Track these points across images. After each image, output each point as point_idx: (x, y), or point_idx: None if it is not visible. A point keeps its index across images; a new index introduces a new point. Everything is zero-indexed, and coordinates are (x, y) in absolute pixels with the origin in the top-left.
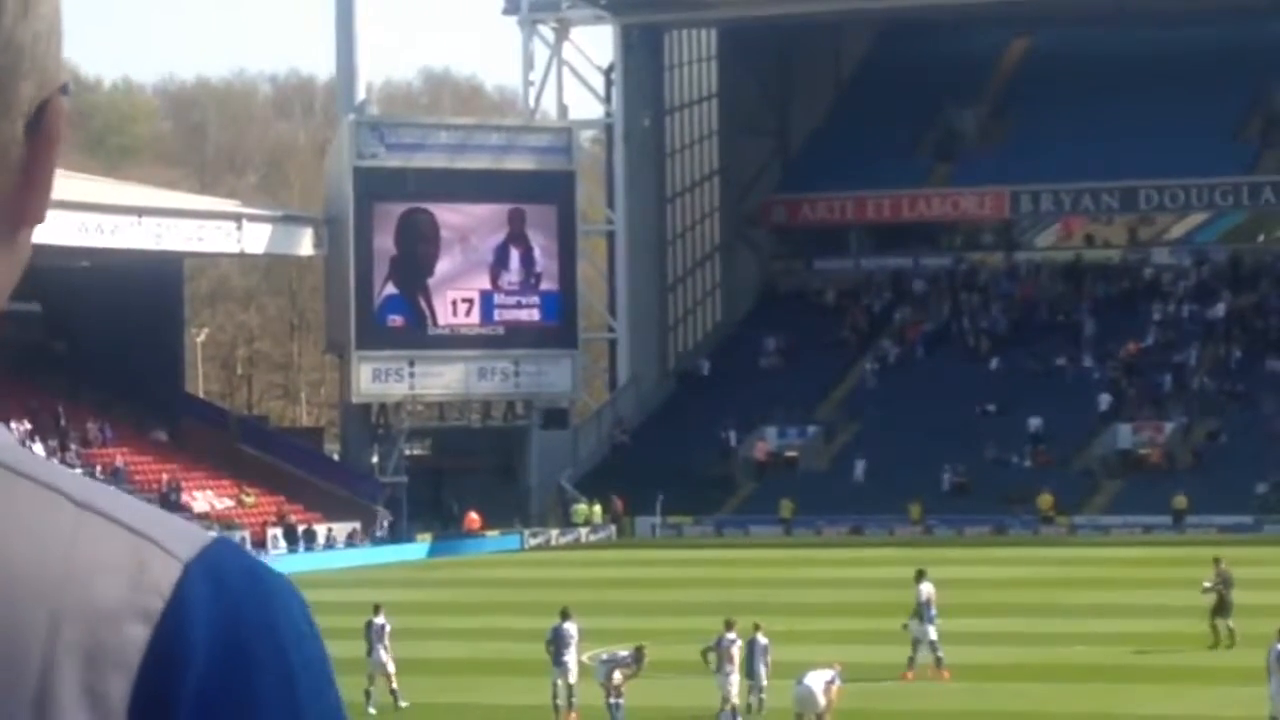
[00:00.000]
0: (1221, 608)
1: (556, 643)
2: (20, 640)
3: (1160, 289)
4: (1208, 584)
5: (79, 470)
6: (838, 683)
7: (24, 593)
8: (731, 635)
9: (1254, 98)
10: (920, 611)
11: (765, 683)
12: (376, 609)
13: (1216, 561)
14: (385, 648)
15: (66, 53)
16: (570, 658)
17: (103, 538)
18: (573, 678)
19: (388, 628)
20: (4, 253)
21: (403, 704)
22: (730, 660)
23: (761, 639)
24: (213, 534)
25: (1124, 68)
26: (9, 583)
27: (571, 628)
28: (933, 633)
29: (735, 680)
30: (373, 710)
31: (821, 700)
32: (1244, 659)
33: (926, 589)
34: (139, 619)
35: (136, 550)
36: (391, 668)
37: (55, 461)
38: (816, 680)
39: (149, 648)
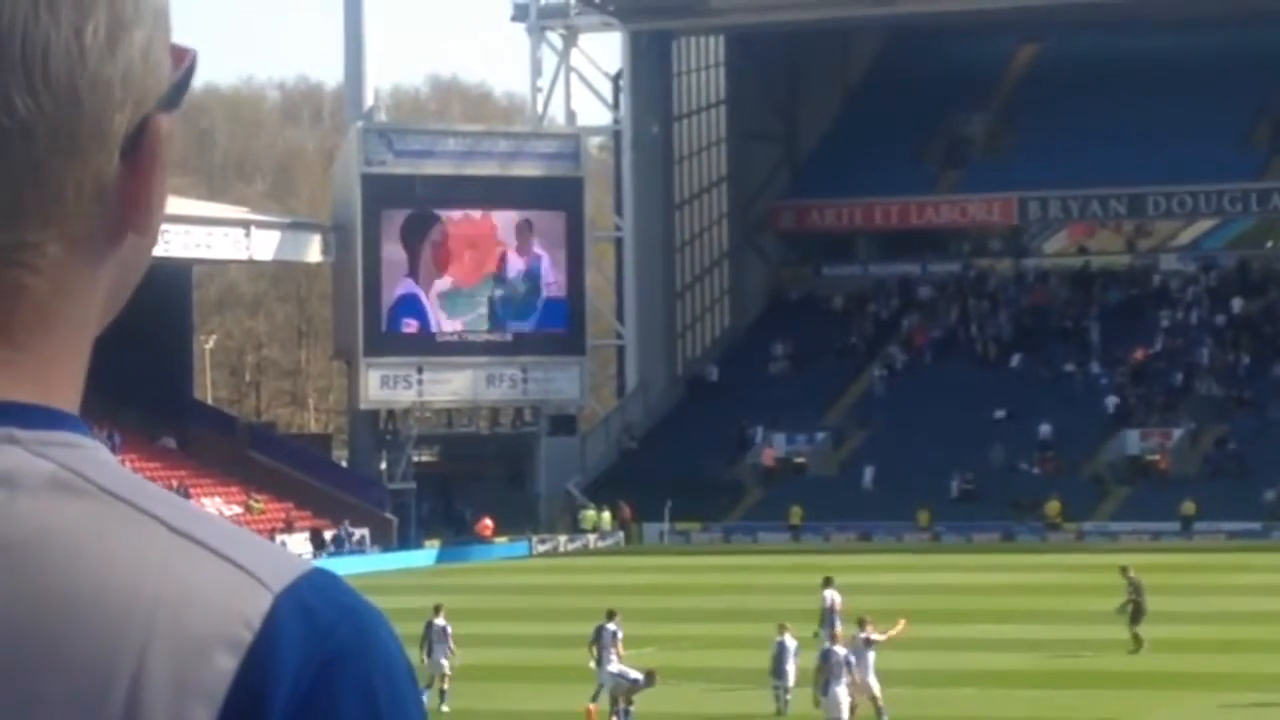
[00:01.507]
0: (1137, 614)
1: (599, 643)
2: (110, 664)
3: (1169, 295)
4: (1121, 603)
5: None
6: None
7: (116, 617)
8: (787, 640)
9: (1262, 104)
10: (826, 618)
11: (791, 683)
12: (437, 610)
13: (1124, 570)
14: (450, 649)
15: None
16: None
17: (195, 566)
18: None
19: (449, 629)
20: (105, 265)
21: (444, 708)
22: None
23: (790, 641)
24: (309, 564)
25: (1132, 74)
26: (101, 607)
27: (612, 627)
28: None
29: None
30: (446, 709)
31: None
32: (1255, 666)
33: (830, 596)
34: (227, 650)
35: (228, 579)
36: (447, 669)
37: (156, 485)
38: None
39: (235, 679)
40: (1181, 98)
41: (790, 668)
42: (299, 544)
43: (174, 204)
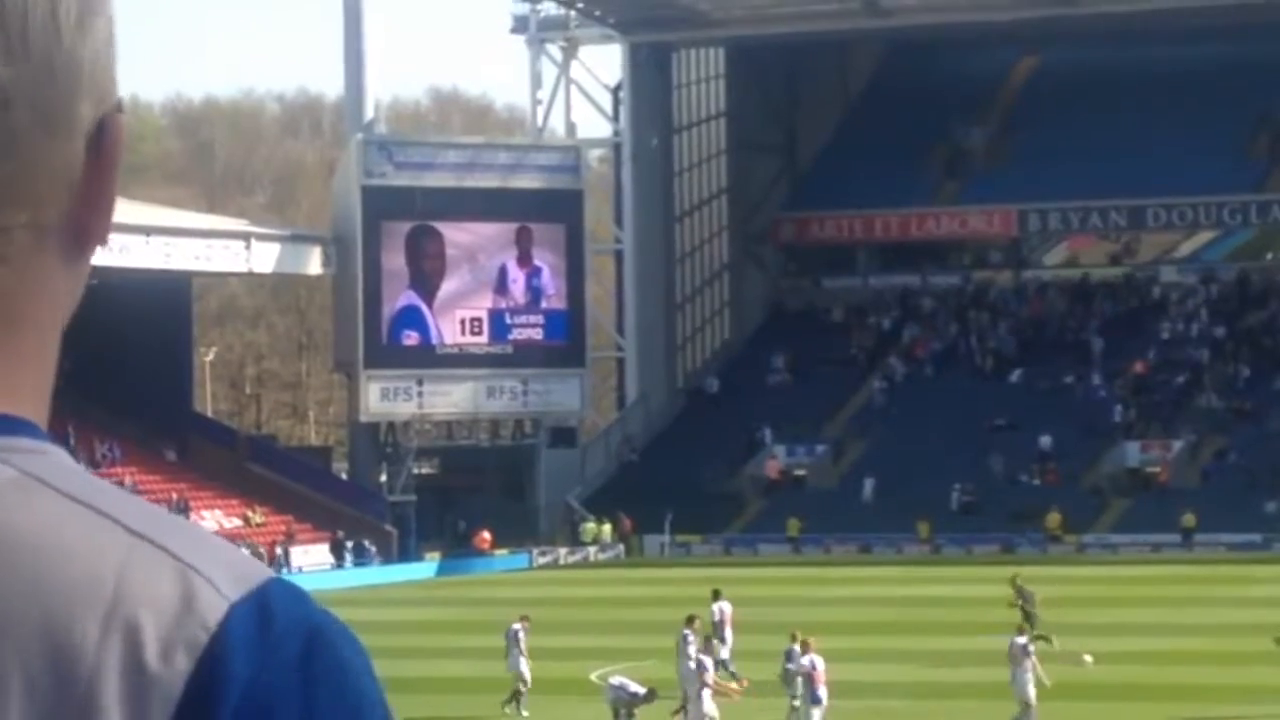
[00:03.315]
0: (1028, 621)
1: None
2: (68, 662)
3: (1168, 307)
4: (1029, 627)
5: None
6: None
7: (75, 616)
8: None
9: (1262, 115)
10: (717, 630)
11: (801, 691)
12: (523, 617)
13: (1013, 580)
14: (518, 655)
15: None
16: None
17: (154, 568)
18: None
19: (523, 634)
20: (68, 273)
21: (509, 710)
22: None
23: (798, 649)
24: (268, 572)
25: (1131, 86)
26: (60, 606)
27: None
28: (725, 651)
29: None
30: (526, 714)
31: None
32: (1257, 678)
33: (719, 608)
34: (184, 650)
35: (185, 581)
36: (526, 675)
37: (121, 489)
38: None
39: (190, 680)
40: (1181, 110)
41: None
42: (320, 554)
43: (174, 216)
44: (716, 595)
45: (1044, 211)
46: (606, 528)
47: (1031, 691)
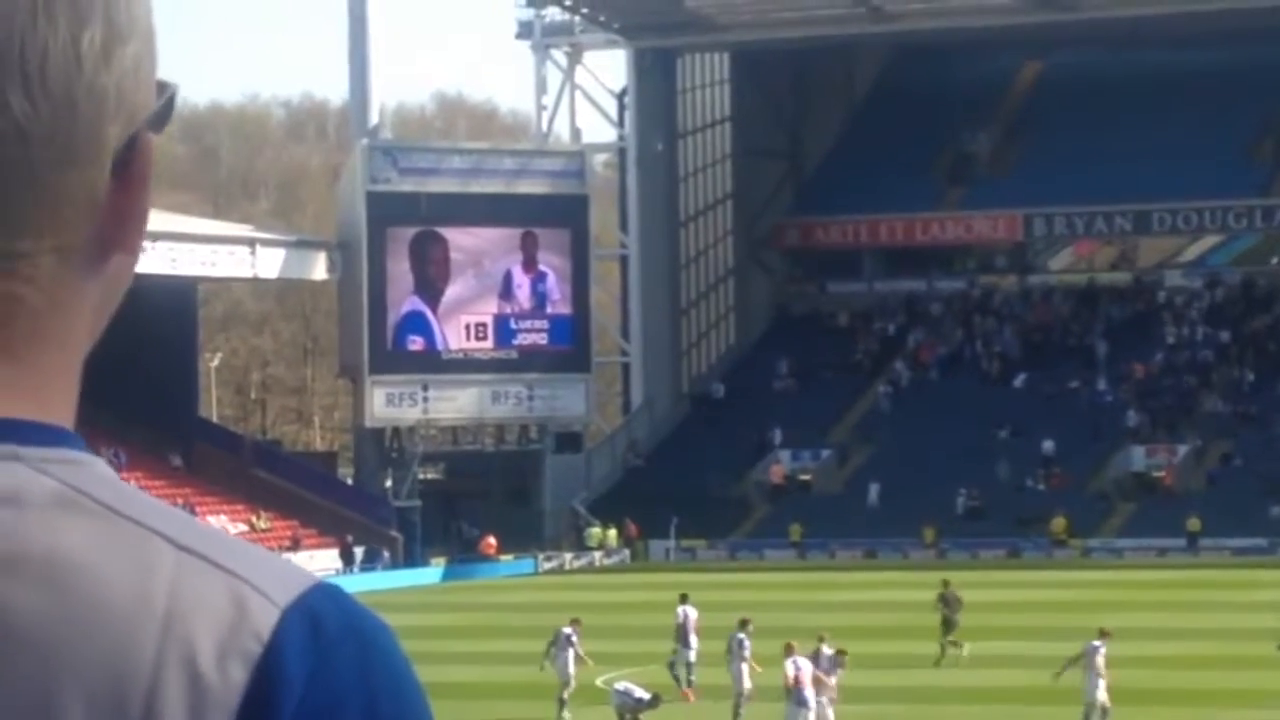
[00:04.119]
0: (946, 626)
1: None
2: (125, 679)
3: (1174, 312)
4: (944, 633)
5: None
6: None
7: (128, 633)
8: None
9: (1267, 120)
10: (680, 635)
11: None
12: (574, 621)
13: (945, 584)
14: (577, 656)
15: None
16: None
17: (203, 581)
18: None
19: (575, 638)
20: (95, 280)
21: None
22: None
23: (826, 650)
24: (313, 577)
25: (1136, 90)
26: (112, 622)
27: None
28: (691, 656)
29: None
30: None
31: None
32: (1261, 682)
33: (683, 612)
34: (239, 662)
35: (236, 592)
36: (572, 681)
37: (159, 501)
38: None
39: (247, 691)
40: (1186, 114)
41: (830, 679)
42: (325, 560)
43: (179, 222)
44: (683, 599)
45: (1049, 216)
46: (612, 533)
47: (1102, 695)
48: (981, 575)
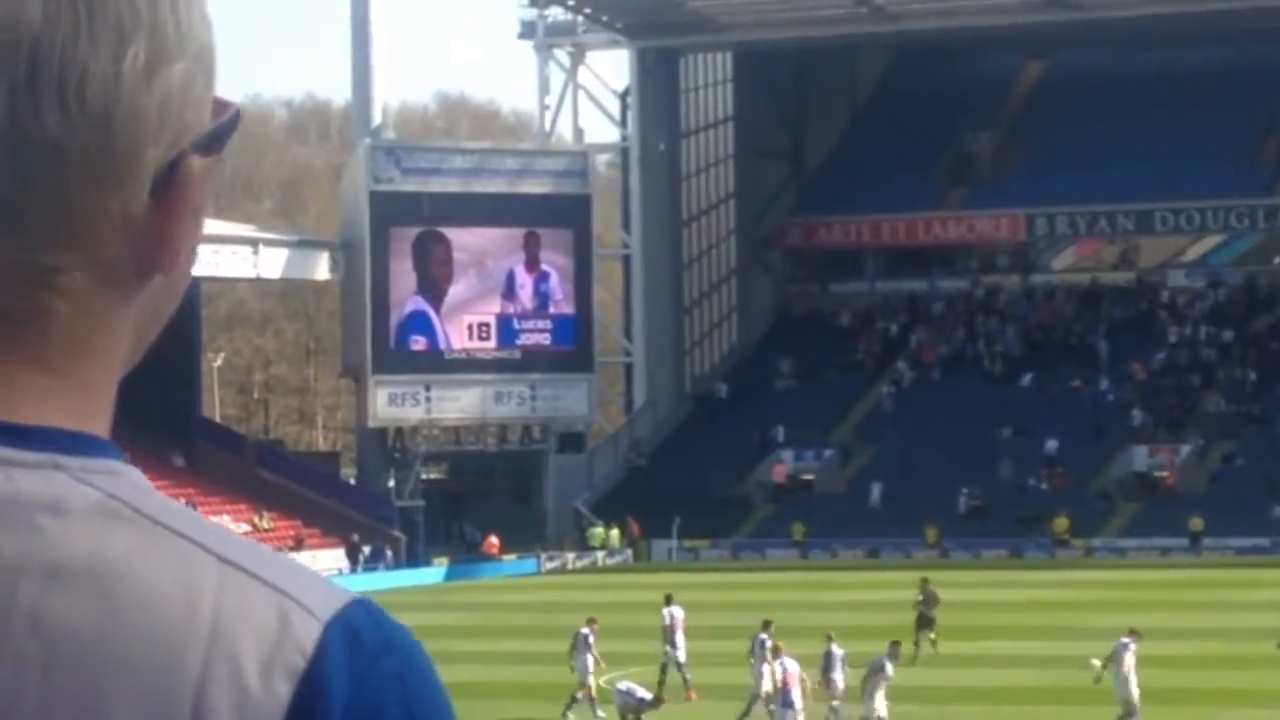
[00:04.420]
0: (923, 623)
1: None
2: (171, 692)
3: (1176, 311)
4: (921, 629)
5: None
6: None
7: (173, 644)
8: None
9: (1270, 120)
10: (666, 636)
11: (842, 688)
12: (590, 620)
13: (924, 581)
14: (587, 659)
15: None
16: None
17: (246, 593)
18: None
19: (592, 638)
20: (133, 299)
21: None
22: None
23: (837, 649)
24: (350, 593)
25: (1139, 90)
26: (157, 634)
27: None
28: (681, 656)
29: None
30: (602, 715)
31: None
32: (1263, 682)
33: (669, 613)
34: (284, 676)
35: (279, 606)
36: (591, 680)
37: (195, 512)
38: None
39: (292, 704)
40: (1188, 114)
41: (838, 676)
42: (328, 560)
43: None
44: (669, 600)
45: (1051, 216)
46: (614, 533)
47: (1135, 691)
48: (984, 575)
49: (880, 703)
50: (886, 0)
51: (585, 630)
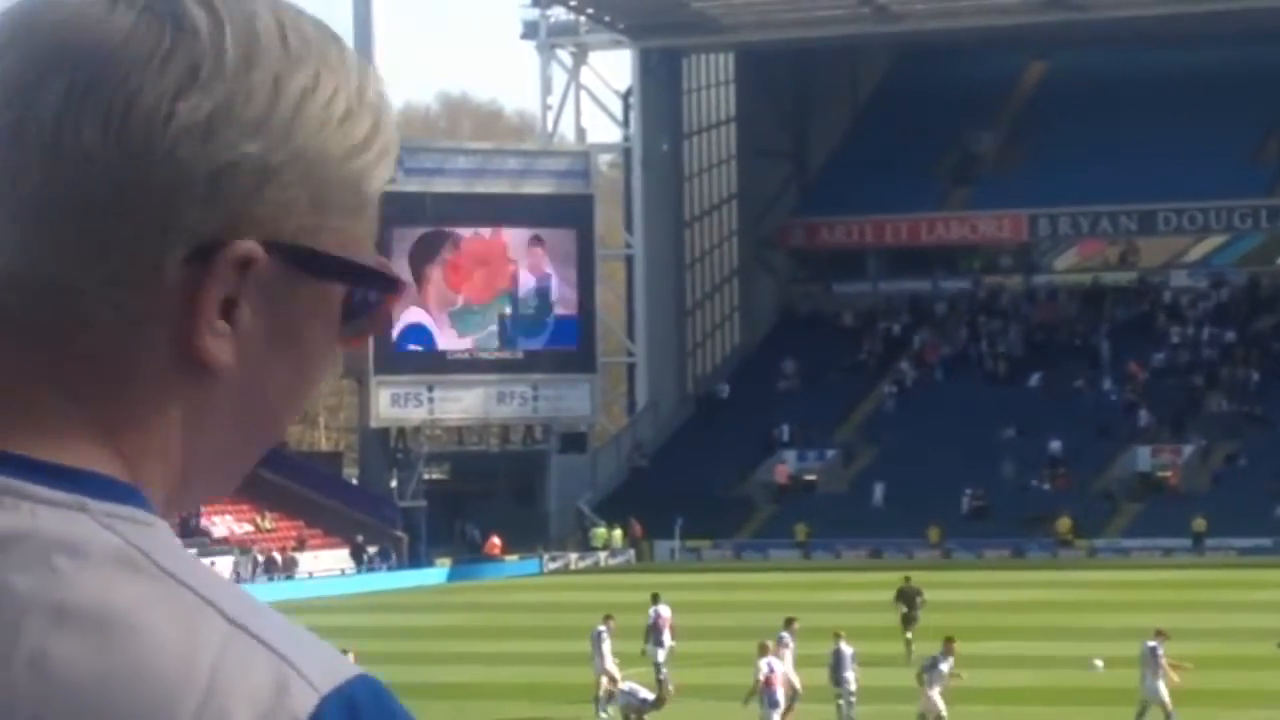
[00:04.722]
0: (907, 621)
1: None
2: None
3: (1178, 312)
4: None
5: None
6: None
7: (168, 699)
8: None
9: (1272, 120)
10: (651, 635)
11: (854, 688)
12: (607, 618)
13: (906, 579)
14: (603, 655)
15: None
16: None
17: (249, 657)
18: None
19: (605, 635)
20: (194, 393)
21: (603, 715)
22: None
23: (846, 648)
24: (357, 669)
25: (1141, 91)
26: (154, 687)
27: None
28: (660, 655)
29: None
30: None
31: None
32: (1266, 683)
33: (655, 612)
34: None
35: (279, 673)
36: (606, 678)
37: (217, 571)
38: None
39: None
40: (1191, 114)
41: (850, 675)
42: (330, 560)
43: None
44: (655, 599)
45: (1054, 216)
46: (617, 533)
47: (1165, 694)
48: (986, 575)
49: (938, 699)
50: (889, 0)
51: (602, 628)
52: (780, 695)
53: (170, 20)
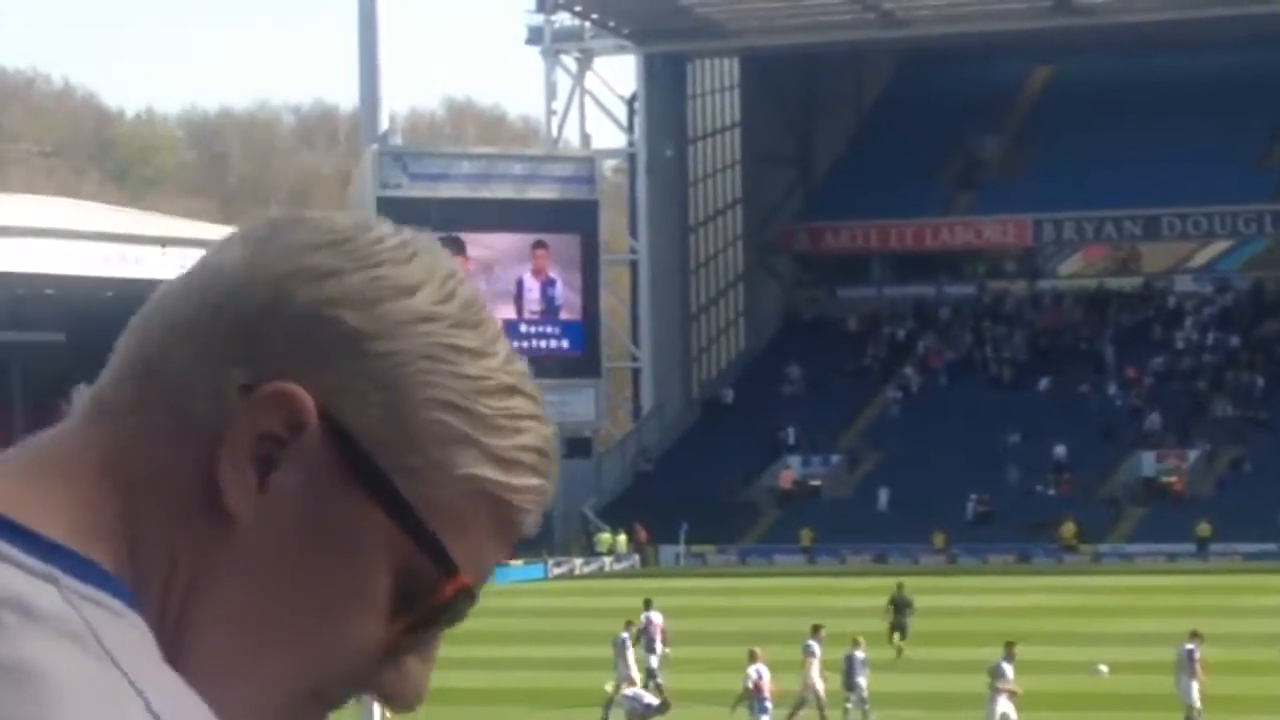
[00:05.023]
0: (895, 627)
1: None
2: None
3: (1183, 317)
4: (898, 636)
5: None
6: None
7: None
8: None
9: (1277, 125)
10: (643, 641)
11: (866, 694)
12: (628, 623)
13: (898, 586)
14: (628, 663)
15: (90, 84)
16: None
17: None
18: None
19: (628, 640)
20: (208, 530)
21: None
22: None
23: (859, 654)
24: None
25: (1146, 96)
26: None
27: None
28: (654, 661)
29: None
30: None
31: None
32: (1271, 688)
33: (647, 618)
34: None
35: None
36: (629, 678)
37: (173, 676)
38: None
39: None
40: (1196, 119)
41: (863, 680)
42: None
43: (189, 227)
44: (648, 605)
45: (1058, 221)
46: (622, 538)
47: (1195, 696)
48: (991, 580)
49: (1005, 706)
50: (894, 6)
51: (625, 635)
52: (769, 702)
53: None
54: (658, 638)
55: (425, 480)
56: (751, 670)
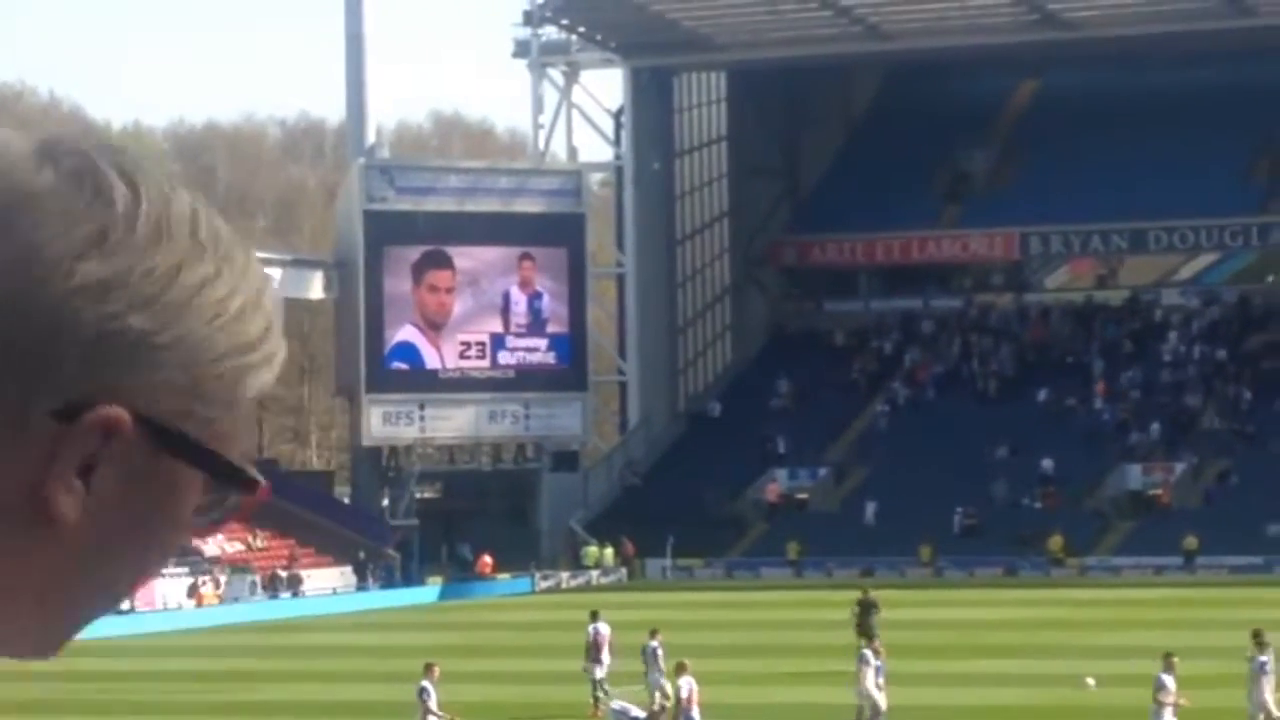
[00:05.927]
0: (862, 632)
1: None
2: None
3: (1170, 330)
4: (866, 640)
5: None
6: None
7: None
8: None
9: (1263, 138)
10: (590, 652)
11: (879, 694)
12: (653, 633)
13: (864, 591)
14: (661, 670)
15: (76, 97)
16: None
17: None
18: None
19: (660, 650)
20: (40, 539)
21: None
22: None
23: (874, 660)
24: None
25: (1133, 109)
26: None
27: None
28: (599, 672)
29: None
30: None
31: None
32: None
33: (594, 629)
34: None
35: None
36: (661, 690)
37: None
38: None
39: None
40: (1182, 132)
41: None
42: (330, 578)
43: None
44: (595, 616)
45: (1045, 234)
46: (609, 551)
47: (1269, 700)
48: (978, 594)
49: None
50: (880, 19)
51: (654, 644)
52: (696, 714)
53: (91, 186)
54: (605, 649)
55: (221, 420)
56: (682, 682)
